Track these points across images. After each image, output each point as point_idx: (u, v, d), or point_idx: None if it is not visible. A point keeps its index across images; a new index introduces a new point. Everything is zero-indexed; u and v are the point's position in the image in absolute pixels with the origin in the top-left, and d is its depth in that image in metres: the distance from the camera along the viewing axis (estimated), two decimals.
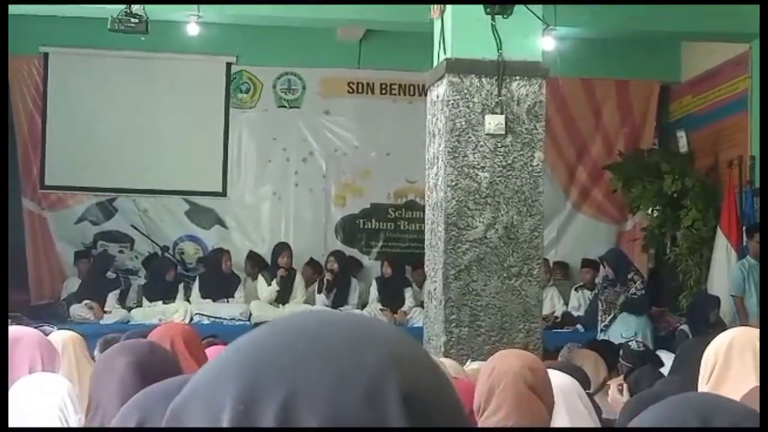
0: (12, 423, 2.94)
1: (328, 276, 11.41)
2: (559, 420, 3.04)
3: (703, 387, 3.14)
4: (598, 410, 3.66)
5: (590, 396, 3.91)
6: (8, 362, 3.24)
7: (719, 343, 3.20)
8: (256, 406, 0.85)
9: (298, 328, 0.93)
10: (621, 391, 4.50)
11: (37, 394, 3.02)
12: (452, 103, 6.62)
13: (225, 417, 0.86)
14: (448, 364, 4.29)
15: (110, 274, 11.27)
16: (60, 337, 4.27)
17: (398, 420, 0.86)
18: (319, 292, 11.41)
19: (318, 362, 0.88)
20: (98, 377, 2.53)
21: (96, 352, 4.85)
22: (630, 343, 7.97)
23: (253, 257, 11.89)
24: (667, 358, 6.11)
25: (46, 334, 4.00)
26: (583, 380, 4.28)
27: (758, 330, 3.46)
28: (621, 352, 7.29)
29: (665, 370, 5.46)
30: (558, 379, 3.27)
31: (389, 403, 0.86)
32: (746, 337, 3.24)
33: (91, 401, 2.55)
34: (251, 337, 0.93)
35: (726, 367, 3.13)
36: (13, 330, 3.48)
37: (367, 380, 0.87)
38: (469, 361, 5.66)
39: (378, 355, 0.89)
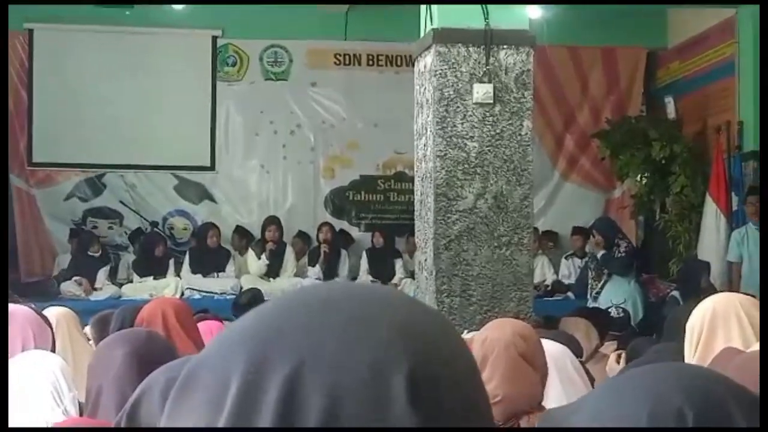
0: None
1: (324, 247, 11.42)
2: (552, 389, 3.05)
3: (690, 356, 3.15)
4: (591, 378, 3.67)
5: (582, 364, 3.93)
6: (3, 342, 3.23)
7: (702, 312, 3.21)
8: (263, 374, 0.86)
9: (310, 298, 0.93)
10: (619, 361, 4.52)
11: (30, 372, 3.01)
12: (440, 73, 6.60)
13: (233, 385, 0.86)
14: None
15: (93, 252, 11.22)
16: (52, 313, 4.26)
17: (400, 394, 0.85)
18: (311, 264, 11.42)
19: (326, 332, 0.88)
20: (96, 369, 2.52)
21: (89, 329, 4.85)
22: (609, 310, 8.01)
23: (240, 231, 11.89)
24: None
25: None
26: (576, 348, 4.29)
27: (740, 295, 3.47)
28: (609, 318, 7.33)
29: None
30: (551, 347, 3.28)
31: (394, 376, 0.86)
32: (728, 302, 3.25)
33: (89, 393, 2.54)
34: (263, 309, 0.94)
35: (711, 335, 3.14)
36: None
37: (374, 350, 0.87)
38: (465, 331, 5.67)
39: (389, 326, 0.89)
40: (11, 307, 3.40)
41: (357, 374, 0.86)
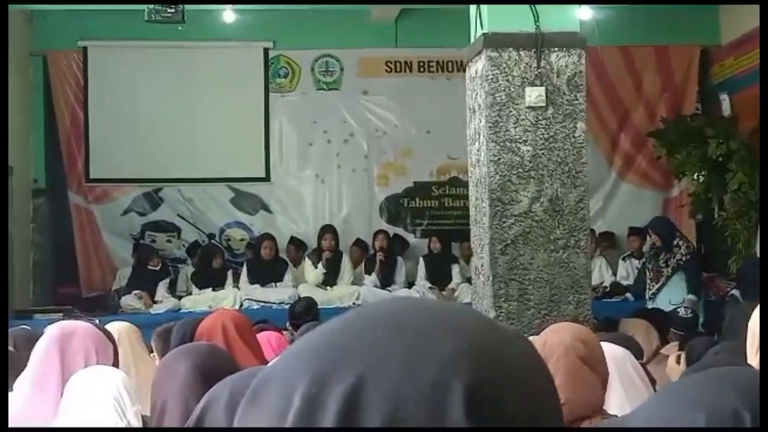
0: (67, 417, 2.97)
1: (380, 255, 11.44)
2: (614, 392, 3.04)
3: (752, 357, 3.11)
4: (652, 380, 3.64)
5: (643, 366, 3.90)
6: (64, 356, 3.26)
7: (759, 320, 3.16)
8: (325, 389, 0.87)
9: (378, 313, 0.94)
10: (679, 361, 4.48)
11: (92, 387, 3.04)
12: (491, 78, 6.60)
13: (296, 398, 0.88)
14: None
15: (153, 265, 11.33)
16: (114, 328, 4.31)
17: (458, 414, 0.86)
18: (367, 272, 11.43)
19: (391, 348, 0.89)
20: (160, 383, 2.55)
21: (152, 343, 4.90)
22: (678, 311, 7.94)
23: (295, 242, 11.93)
24: None
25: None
26: (636, 350, 4.26)
27: None
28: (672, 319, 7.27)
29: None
30: (611, 350, 3.26)
31: (453, 395, 0.86)
32: None
33: (154, 407, 2.57)
34: (329, 325, 0.95)
35: None
36: (67, 324, 3.50)
37: (438, 369, 0.87)
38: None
39: (455, 345, 0.89)
40: (72, 323, 3.43)
41: (417, 391, 0.86)
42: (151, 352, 4.91)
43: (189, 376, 2.47)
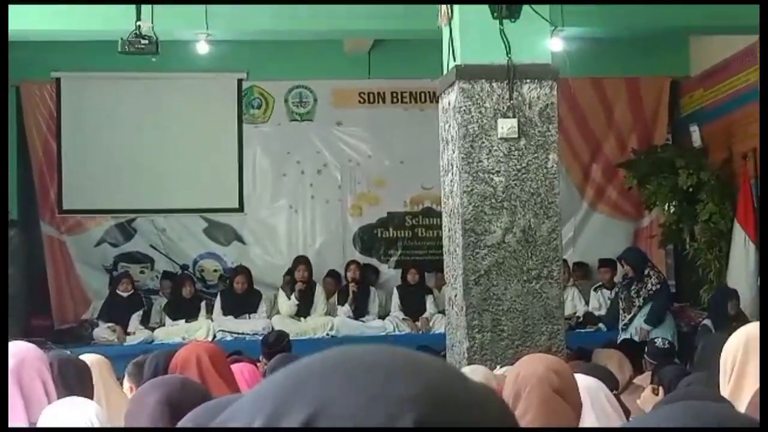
0: None
1: (352, 286, 11.41)
2: (587, 422, 3.04)
3: (725, 387, 3.13)
4: (626, 411, 3.65)
5: (617, 396, 3.91)
6: (22, 387, 3.21)
7: (735, 342, 3.19)
8: (280, 422, 0.91)
9: (342, 356, 0.96)
10: (656, 393, 4.49)
11: (67, 418, 3.03)
12: (464, 109, 6.63)
13: (256, 425, 0.92)
14: (479, 371, 4.29)
15: (123, 290, 11.24)
16: (87, 359, 4.28)
17: None
18: (341, 303, 11.41)
19: (347, 387, 0.91)
20: (131, 416, 2.54)
21: (126, 376, 4.87)
22: (655, 341, 7.96)
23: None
24: None
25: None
26: (610, 381, 4.27)
27: None
28: (646, 349, 7.29)
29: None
30: (584, 381, 3.27)
31: (402, 425, 0.88)
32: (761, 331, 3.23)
33: None
34: (294, 364, 0.98)
35: (744, 365, 3.12)
36: (14, 352, 3.37)
37: (391, 407, 0.89)
38: (498, 367, 5.66)
39: (410, 387, 0.91)
40: (18, 349, 3.34)
41: (369, 423, 0.89)
42: (122, 384, 4.88)
43: (157, 410, 2.46)
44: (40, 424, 2.99)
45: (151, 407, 2.48)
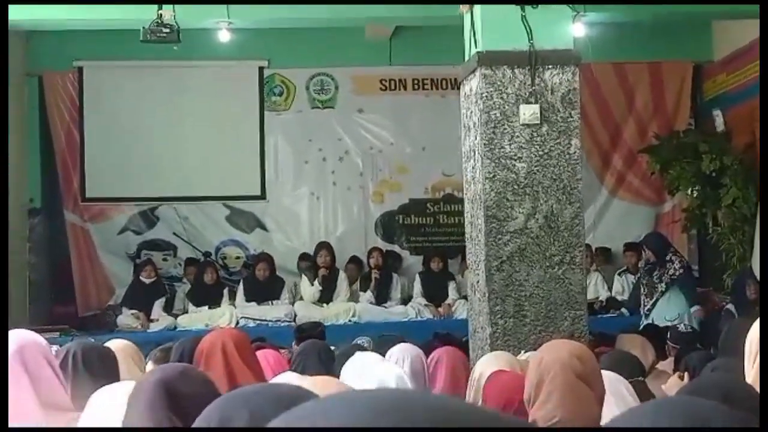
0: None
1: (375, 273, 11.44)
2: (607, 409, 3.04)
3: (749, 372, 3.12)
4: (650, 396, 3.65)
5: (642, 382, 3.91)
6: (31, 376, 3.20)
7: (758, 327, 3.18)
8: None
9: (344, 415, 0.92)
10: (682, 378, 4.49)
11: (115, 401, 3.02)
12: (486, 96, 6.62)
13: None
14: (502, 357, 4.29)
15: (146, 276, 11.28)
16: (114, 346, 4.31)
17: None
18: (363, 290, 11.44)
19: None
20: (132, 398, 2.54)
21: (149, 362, 4.89)
22: (678, 326, 7.95)
23: (304, 257, 11.91)
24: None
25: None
26: (637, 366, 4.27)
27: None
28: (668, 334, 7.28)
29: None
30: (604, 375, 3.26)
31: None
32: None
33: (124, 420, 2.56)
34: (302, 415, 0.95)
35: None
36: (13, 340, 3.37)
37: None
38: (522, 352, 5.66)
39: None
40: (17, 337, 3.34)
41: None
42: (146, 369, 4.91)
43: (155, 391, 2.47)
44: (91, 406, 2.98)
45: (149, 388, 2.49)
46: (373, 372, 3.80)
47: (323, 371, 4.46)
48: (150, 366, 4.86)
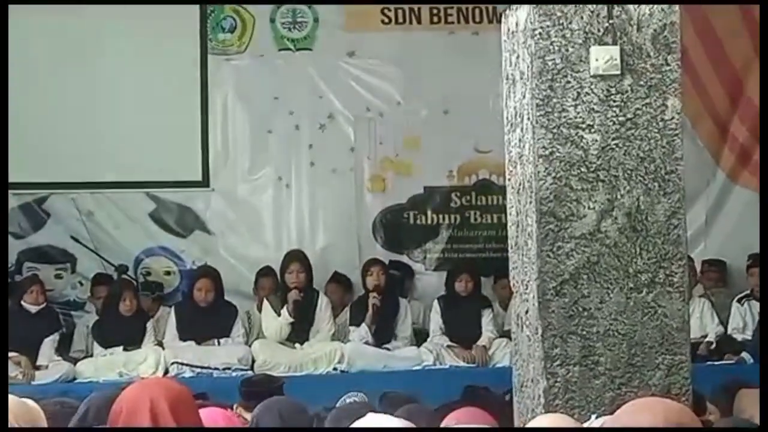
0: None
1: (373, 297, 11.37)
2: None
3: None
4: None
5: None
6: None
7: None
8: None
9: None
10: None
11: None
12: (540, 33, 6.64)
13: None
14: (563, 424, 4.29)
15: (30, 301, 11.18)
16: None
17: None
18: (355, 323, 11.40)
19: None
20: None
21: None
22: None
23: (266, 272, 11.91)
24: None
25: None
26: None
27: None
28: None
29: None
30: None
31: None
32: None
33: None
34: None
35: None
36: None
37: None
38: (593, 416, 5.69)
39: None
40: None
41: None
42: None
43: None
44: None
45: None
46: None
47: None
48: None
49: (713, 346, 11.19)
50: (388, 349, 11.23)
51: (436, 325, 11.49)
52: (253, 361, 10.82)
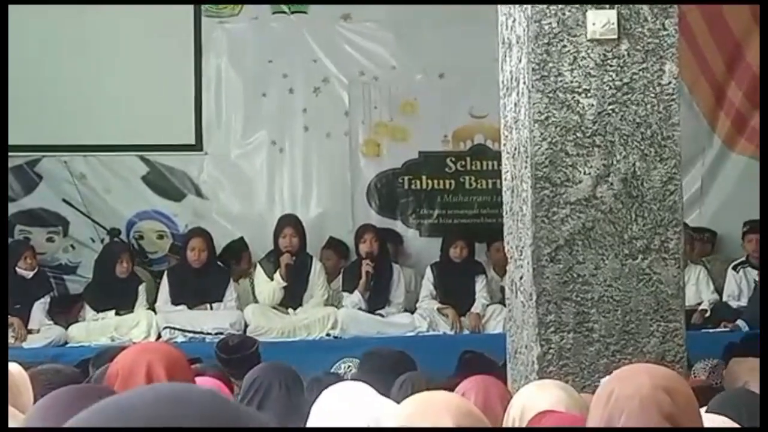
0: None
1: (366, 263, 11.36)
2: None
3: None
4: None
5: None
6: None
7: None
8: None
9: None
10: None
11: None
12: None
13: None
14: (556, 390, 4.28)
15: (24, 267, 11.18)
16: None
17: None
18: (348, 289, 11.39)
19: None
20: None
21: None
22: None
23: (235, 247, 11.92)
24: None
25: None
26: (758, 407, 4.29)
27: None
28: None
29: None
30: (716, 421, 3.29)
31: None
32: None
33: None
34: None
35: None
36: None
37: None
38: (586, 383, 5.70)
39: None
40: None
41: None
42: None
43: None
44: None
45: None
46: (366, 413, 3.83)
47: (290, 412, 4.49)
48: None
49: (707, 313, 11.20)
50: (381, 315, 11.23)
51: (428, 291, 11.48)
52: (246, 326, 10.82)
